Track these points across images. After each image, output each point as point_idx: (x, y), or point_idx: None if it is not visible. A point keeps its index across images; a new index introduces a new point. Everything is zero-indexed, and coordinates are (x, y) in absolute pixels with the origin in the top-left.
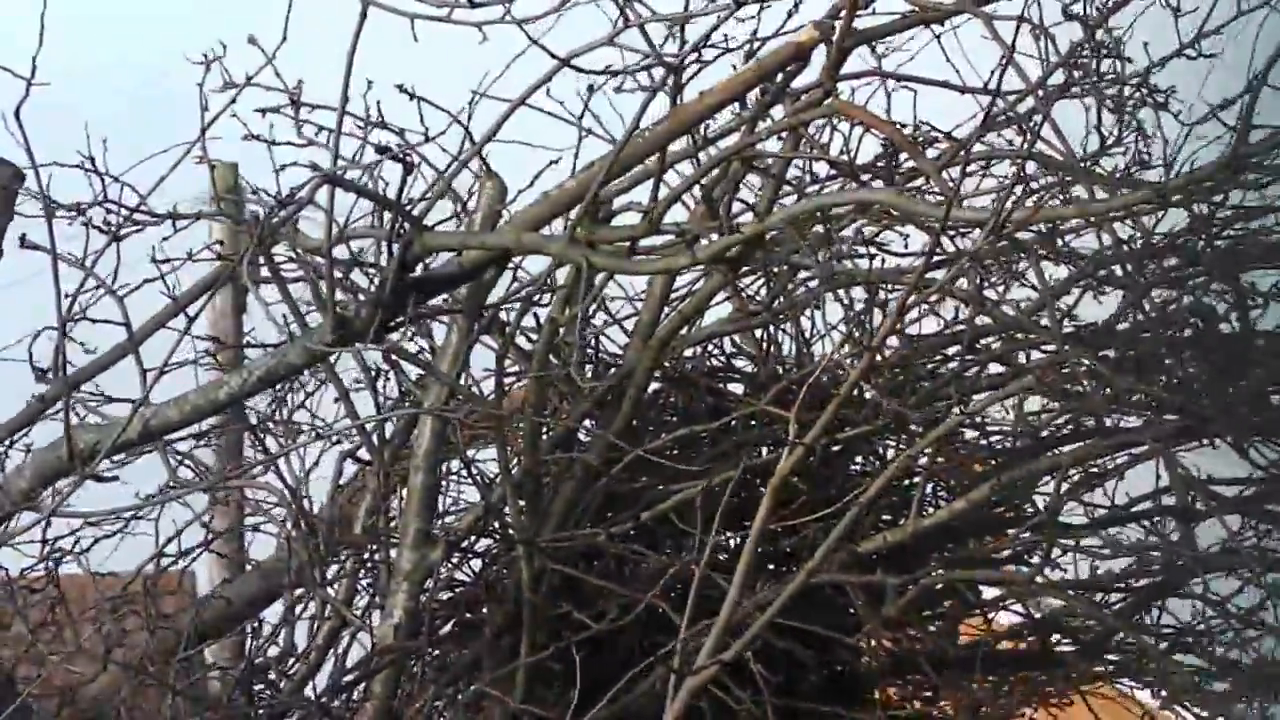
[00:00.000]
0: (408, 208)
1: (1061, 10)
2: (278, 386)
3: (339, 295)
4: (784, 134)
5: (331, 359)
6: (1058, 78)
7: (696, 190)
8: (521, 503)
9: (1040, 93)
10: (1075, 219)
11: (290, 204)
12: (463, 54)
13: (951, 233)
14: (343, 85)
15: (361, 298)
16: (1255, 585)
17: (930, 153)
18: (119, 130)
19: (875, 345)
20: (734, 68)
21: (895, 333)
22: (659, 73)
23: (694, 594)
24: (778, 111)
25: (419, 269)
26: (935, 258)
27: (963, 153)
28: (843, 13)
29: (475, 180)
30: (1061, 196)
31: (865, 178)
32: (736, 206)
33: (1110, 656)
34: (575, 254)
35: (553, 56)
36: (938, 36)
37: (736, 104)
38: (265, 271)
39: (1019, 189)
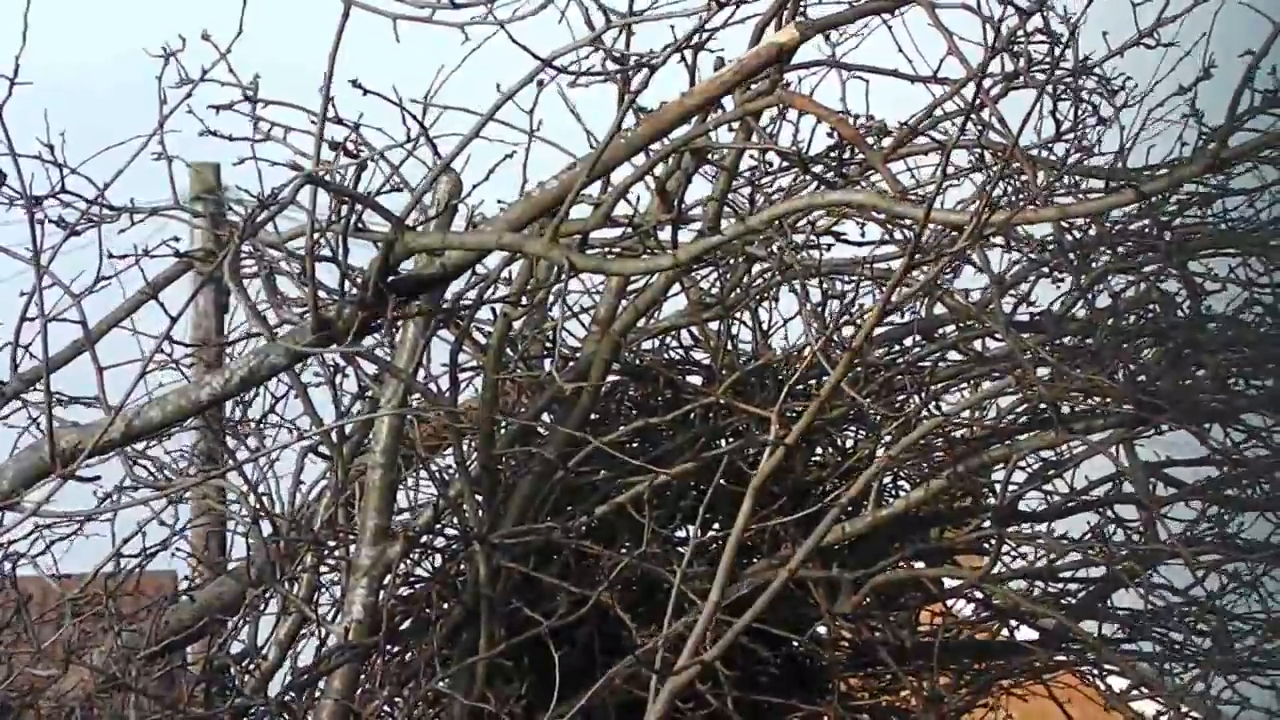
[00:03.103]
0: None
1: None
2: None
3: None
4: (734, 125)
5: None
6: (1006, 66)
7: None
8: (478, 498)
9: (985, 80)
10: (1058, 220)
11: (272, 204)
12: (436, 51)
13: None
14: (325, 86)
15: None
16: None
17: (885, 142)
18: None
19: (856, 346)
20: (683, 60)
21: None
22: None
23: (674, 597)
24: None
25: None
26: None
27: (910, 141)
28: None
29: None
30: (1022, 182)
31: (816, 169)
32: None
33: (1073, 645)
34: (557, 254)
35: (535, 57)
36: (888, 26)
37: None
38: (248, 270)
39: (971, 178)
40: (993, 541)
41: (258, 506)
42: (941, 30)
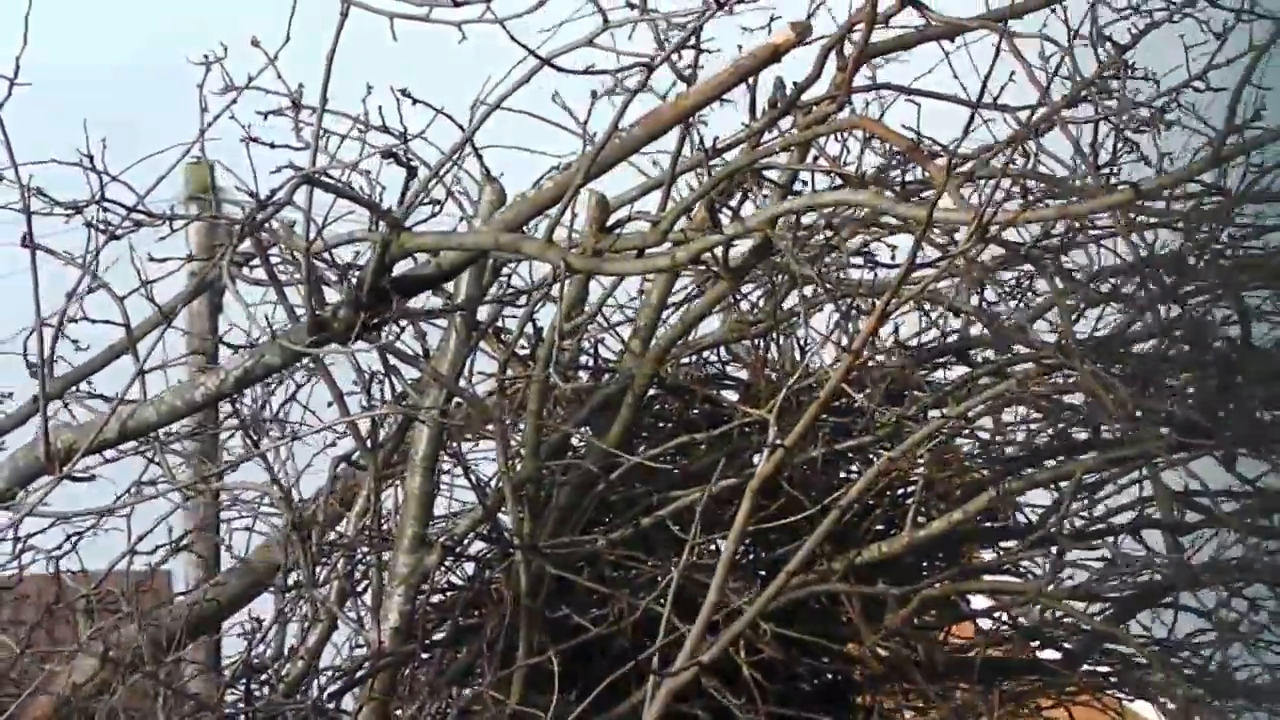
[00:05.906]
0: (382, 206)
1: (1094, 31)
2: (264, 384)
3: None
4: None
5: (326, 361)
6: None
7: None
8: (520, 508)
9: (1063, 111)
10: (1058, 220)
11: (270, 204)
12: (456, 52)
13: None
14: (322, 86)
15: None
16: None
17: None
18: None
19: (856, 348)
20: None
21: (875, 334)
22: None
23: (672, 596)
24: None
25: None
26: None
27: (984, 166)
28: (860, 26)
29: (471, 182)
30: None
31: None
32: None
33: (1101, 667)
34: (553, 254)
35: (535, 56)
36: (947, 55)
37: (746, 115)
38: (245, 271)
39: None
40: (1046, 559)
41: (291, 511)
42: (1019, 60)
